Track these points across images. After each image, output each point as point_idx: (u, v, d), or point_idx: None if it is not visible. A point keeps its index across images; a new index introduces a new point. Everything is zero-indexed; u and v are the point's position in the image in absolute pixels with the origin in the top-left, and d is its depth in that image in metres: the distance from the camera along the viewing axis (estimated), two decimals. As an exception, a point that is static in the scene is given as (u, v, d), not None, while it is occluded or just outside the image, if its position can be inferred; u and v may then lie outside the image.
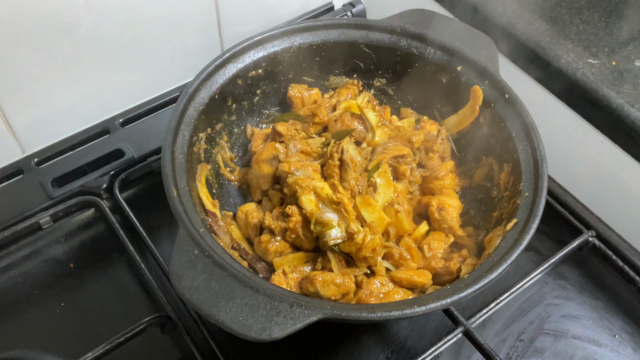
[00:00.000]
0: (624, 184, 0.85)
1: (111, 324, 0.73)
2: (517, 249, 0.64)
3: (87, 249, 0.81)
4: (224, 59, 0.79)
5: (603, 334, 0.75)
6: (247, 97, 0.85)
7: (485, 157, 0.81)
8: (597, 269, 0.81)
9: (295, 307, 0.57)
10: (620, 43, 0.89)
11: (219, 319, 0.56)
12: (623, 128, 0.81)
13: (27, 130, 0.87)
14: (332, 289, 0.67)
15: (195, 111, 0.75)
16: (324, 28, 0.86)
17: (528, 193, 0.70)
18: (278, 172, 0.77)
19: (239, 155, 0.87)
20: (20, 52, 0.79)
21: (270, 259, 0.72)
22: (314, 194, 0.71)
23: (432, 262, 0.73)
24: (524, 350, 0.74)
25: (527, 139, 0.74)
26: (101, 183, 0.85)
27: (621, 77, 0.84)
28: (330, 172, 0.75)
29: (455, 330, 0.71)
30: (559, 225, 0.83)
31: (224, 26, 0.97)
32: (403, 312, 0.58)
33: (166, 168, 0.68)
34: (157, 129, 0.92)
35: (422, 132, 0.84)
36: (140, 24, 0.87)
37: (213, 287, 0.58)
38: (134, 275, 0.78)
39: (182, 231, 0.62)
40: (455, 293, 0.60)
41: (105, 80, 0.90)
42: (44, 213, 0.82)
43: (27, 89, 0.83)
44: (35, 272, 0.79)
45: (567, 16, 0.93)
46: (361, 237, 0.68)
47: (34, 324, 0.74)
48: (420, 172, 0.82)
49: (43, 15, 0.77)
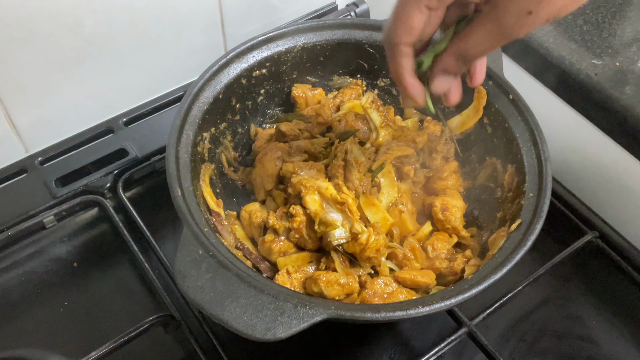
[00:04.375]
0: (627, 185, 0.85)
1: (115, 323, 0.73)
2: (521, 249, 0.64)
3: (90, 249, 0.81)
4: (229, 58, 0.79)
5: (606, 335, 0.75)
6: (250, 97, 0.85)
7: (489, 157, 0.81)
8: (600, 270, 0.81)
9: (300, 307, 0.57)
10: (624, 44, 0.89)
11: (223, 318, 0.56)
12: (626, 129, 0.81)
13: (30, 129, 0.87)
14: (336, 289, 0.67)
15: (199, 111, 0.75)
16: (327, 28, 0.86)
17: (532, 194, 0.70)
18: (282, 172, 0.77)
19: (242, 155, 0.87)
20: (24, 51, 0.79)
21: (274, 258, 0.73)
22: (318, 194, 0.71)
23: (436, 263, 0.73)
24: (527, 351, 0.74)
25: (531, 140, 0.74)
26: (105, 182, 0.85)
27: (625, 78, 0.84)
28: (334, 172, 0.75)
29: (459, 331, 0.71)
30: (562, 226, 0.83)
31: (228, 26, 0.97)
32: (407, 312, 0.58)
33: (170, 167, 0.68)
34: (160, 129, 0.92)
35: (425, 132, 0.84)
36: (144, 23, 0.87)
37: (217, 286, 0.58)
38: (138, 274, 0.79)
39: (186, 231, 0.62)
40: (460, 293, 0.60)
41: (108, 80, 0.90)
42: (47, 212, 0.82)
43: (30, 88, 0.83)
44: (38, 271, 0.79)
45: (571, 17, 0.93)
46: (365, 237, 0.68)
47: (37, 323, 0.74)
48: (423, 172, 0.82)
49: (47, 14, 0.77)
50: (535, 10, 0.46)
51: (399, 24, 0.52)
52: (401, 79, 0.57)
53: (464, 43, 0.52)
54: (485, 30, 0.50)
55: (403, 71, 0.56)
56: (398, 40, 0.53)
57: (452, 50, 0.54)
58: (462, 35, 0.52)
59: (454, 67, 0.55)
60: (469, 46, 0.52)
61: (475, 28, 0.50)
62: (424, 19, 0.51)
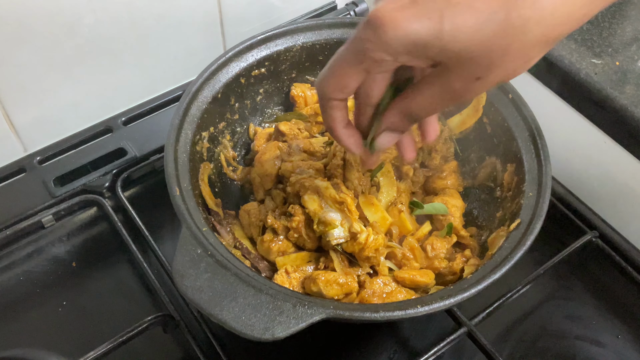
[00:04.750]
0: (627, 185, 0.85)
1: (113, 323, 0.73)
2: (521, 249, 0.64)
3: (89, 248, 0.81)
4: (227, 57, 0.79)
5: (606, 335, 0.75)
6: (249, 96, 0.85)
7: (488, 157, 0.81)
8: (600, 270, 0.81)
9: (298, 307, 0.57)
10: (624, 43, 0.89)
11: (222, 318, 0.56)
12: (626, 128, 0.81)
13: (29, 128, 0.87)
14: (335, 288, 0.67)
15: (198, 110, 0.75)
16: (327, 27, 0.85)
17: (532, 193, 0.70)
18: (281, 171, 0.77)
19: (241, 154, 0.87)
20: (23, 50, 0.79)
21: (272, 258, 0.72)
22: (316, 193, 0.71)
23: (435, 262, 0.73)
24: (527, 350, 0.73)
25: (530, 139, 0.74)
26: (103, 182, 0.85)
27: (625, 77, 0.84)
28: (334, 171, 0.74)
29: (458, 331, 0.71)
30: (562, 226, 0.83)
31: (227, 25, 0.97)
32: (406, 312, 0.58)
33: (169, 167, 0.68)
34: (159, 128, 0.92)
35: (425, 131, 0.84)
36: (143, 23, 0.87)
37: (216, 286, 0.58)
38: (136, 274, 0.78)
39: (185, 230, 0.62)
40: (459, 293, 0.60)
41: (107, 79, 0.90)
42: (46, 212, 0.82)
43: (29, 87, 0.83)
44: (37, 270, 0.79)
45: (571, 16, 0.93)
46: (364, 236, 0.68)
47: (35, 323, 0.74)
48: (423, 172, 0.82)
49: (46, 13, 0.77)
50: (484, 76, 0.45)
51: (332, 79, 0.50)
52: (333, 131, 0.56)
53: (409, 102, 0.51)
54: (432, 91, 0.48)
55: (334, 124, 0.55)
56: (329, 95, 0.52)
57: (397, 109, 0.52)
58: (408, 94, 0.51)
59: (399, 125, 0.53)
60: (413, 106, 0.50)
61: (422, 88, 0.49)
62: (359, 79, 0.49)
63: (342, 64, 0.49)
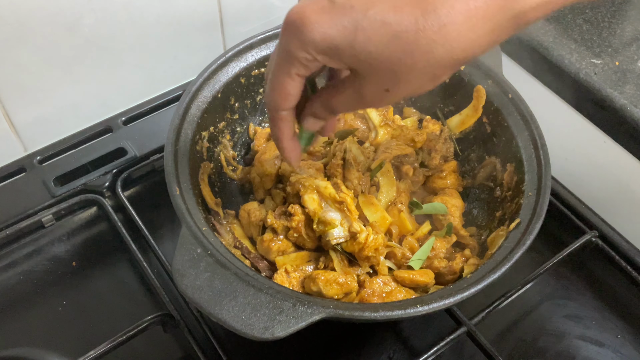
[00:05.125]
0: (626, 185, 0.85)
1: (113, 322, 0.73)
2: (520, 248, 0.64)
3: (89, 248, 0.81)
4: (227, 57, 0.79)
5: (606, 335, 0.75)
6: (249, 95, 0.85)
7: (488, 156, 0.81)
8: (599, 270, 0.81)
9: (298, 306, 0.57)
10: (624, 43, 0.89)
11: (222, 317, 0.56)
12: (626, 128, 0.81)
13: (29, 128, 0.87)
14: (335, 288, 0.67)
15: (198, 110, 0.75)
16: (327, 27, 0.85)
17: (531, 193, 0.70)
18: (281, 171, 0.77)
19: (241, 154, 0.87)
20: (24, 50, 0.79)
21: (272, 257, 0.72)
22: (316, 193, 0.71)
23: (435, 262, 0.73)
24: (526, 350, 0.73)
25: (530, 139, 0.74)
26: (103, 181, 0.85)
27: (624, 77, 0.84)
28: (333, 171, 0.74)
29: (458, 330, 0.71)
30: (561, 226, 0.83)
31: (227, 25, 0.97)
32: (406, 311, 0.58)
33: (169, 166, 0.68)
34: (159, 128, 0.92)
35: (424, 131, 0.84)
36: (143, 22, 0.87)
37: (215, 285, 0.58)
38: (136, 273, 0.78)
39: (185, 229, 0.62)
40: (458, 293, 0.60)
41: (107, 79, 0.90)
42: (46, 211, 0.82)
43: (29, 87, 0.83)
44: (37, 270, 0.79)
45: (571, 16, 0.93)
46: (364, 236, 0.68)
47: (36, 323, 0.74)
48: (423, 171, 0.82)
49: (46, 13, 0.77)
50: (392, 89, 0.48)
51: (276, 92, 0.53)
52: (278, 143, 0.59)
53: (330, 97, 0.54)
54: (348, 94, 0.52)
55: (281, 136, 0.58)
56: (277, 107, 0.54)
57: (319, 101, 0.56)
58: (331, 90, 0.54)
59: (321, 114, 0.57)
60: (333, 102, 0.54)
61: (341, 89, 0.52)
62: (298, 85, 0.52)
63: (278, 74, 0.51)
